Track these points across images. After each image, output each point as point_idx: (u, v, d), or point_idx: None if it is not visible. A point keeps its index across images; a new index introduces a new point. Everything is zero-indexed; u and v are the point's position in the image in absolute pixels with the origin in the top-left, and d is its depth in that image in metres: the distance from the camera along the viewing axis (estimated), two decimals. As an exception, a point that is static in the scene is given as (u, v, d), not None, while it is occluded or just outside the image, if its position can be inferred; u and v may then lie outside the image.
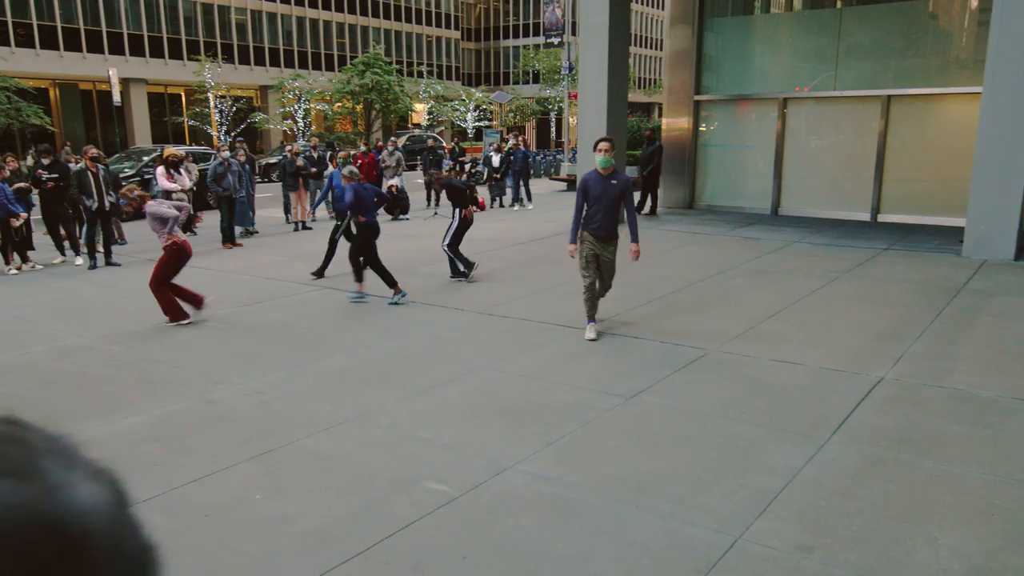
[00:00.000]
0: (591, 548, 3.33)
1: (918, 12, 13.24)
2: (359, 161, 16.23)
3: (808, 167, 14.40)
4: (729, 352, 6.12)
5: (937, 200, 12.93)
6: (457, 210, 9.21)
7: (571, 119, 32.44)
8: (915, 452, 4.22)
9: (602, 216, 6.44)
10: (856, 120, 13.78)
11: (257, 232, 13.63)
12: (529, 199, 17.36)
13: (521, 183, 17.17)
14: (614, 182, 6.38)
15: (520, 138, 18.20)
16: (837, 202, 13.98)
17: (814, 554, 3.22)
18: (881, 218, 13.48)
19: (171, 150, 11.95)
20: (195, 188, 12.89)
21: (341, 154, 15.18)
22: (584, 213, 6.52)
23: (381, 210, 15.77)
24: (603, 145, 6.38)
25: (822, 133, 14.36)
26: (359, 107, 40.27)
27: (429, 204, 16.93)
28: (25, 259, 10.60)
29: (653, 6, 65.28)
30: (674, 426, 4.66)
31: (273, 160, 26.71)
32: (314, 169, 14.59)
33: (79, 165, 11.01)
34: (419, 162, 20.40)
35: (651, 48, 65.53)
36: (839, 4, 14.38)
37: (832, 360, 5.84)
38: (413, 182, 21.18)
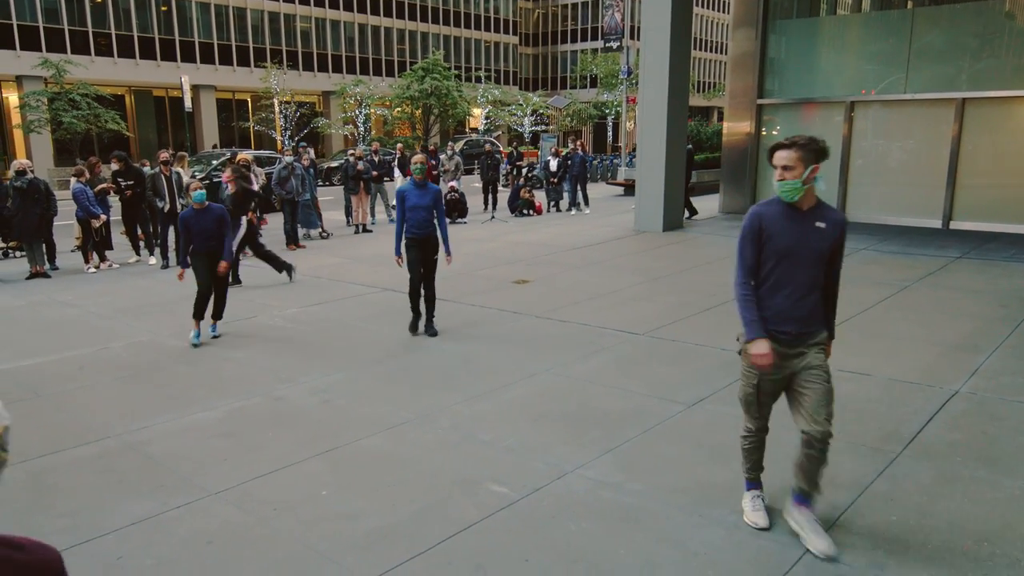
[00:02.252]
0: (654, 556, 3.30)
1: (994, 12, 12.71)
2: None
3: (876, 172, 13.97)
4: (794, 361, 5.97)
5: (1014, 207, 12.38)
6: (243, 218, 9.33)
7: (629, 123, 32.22)
8: (994, 470, 4.05)
9: (799, 292, 3.36)
10: (928, 124, 13.31)
11: (330, 235, 13.92)
12: (586, 203, 17.31)
13: (579, 187, 17.14)
14: (820, 225, 3.31)
15: (578, 142, 18.17)
16: (906, 208, 13.52)
17: (887, 571, 3.12)
18: (953, 225, 12.97)
19: (242, 155, 12.32)
20: (261, 192, 13.26)
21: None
22: (765, 283, 3.38)
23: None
24: (786, 156, 3.25)
25: (891, 137, 13.91)
26: (418, 112, 40.84)
27: (487, 208, 17.05)
28: (103, 258, 11.10)
29: (715, 8, 64.39)
30: (738, 435, 4.57)
31: (335, 164, 27.31)
32: (375, 173, 14.85)
33: (154, 169, 11.47)
34: (476, 166, 20.57)
35: (711, 51, 64.64)
36: (910, 5, 13.93)
37: (903, 372, 5.65)
38: (471, 186, 21.37)
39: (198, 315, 6.79)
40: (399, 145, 17.90)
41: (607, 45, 30.65)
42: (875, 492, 3.81)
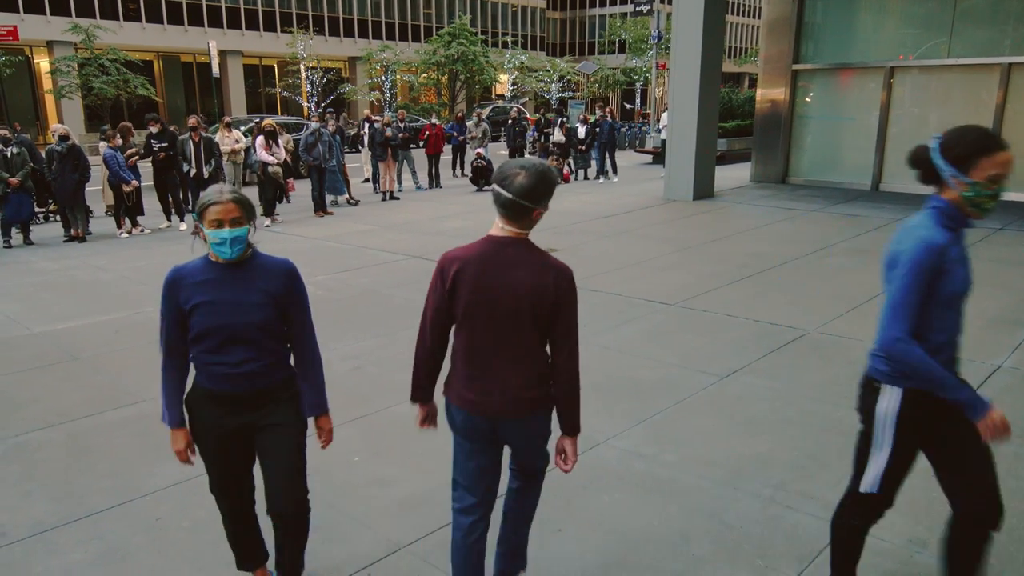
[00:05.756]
0: (689, 529, 3.27)
1: (1046, -28, 12.18)
2: (427, 132, 16.36)
3: (914, 140, 13.34)
4: (829, 334, 5.87)
5: (1060, 177, 11.98)
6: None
7: (658, 90, 31.67)
8: (1039, 447, 3.95)
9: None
10: (970, 90, 12.88)
11: (358, 202, 13.92)
12: (615, 172, 17.09)
13: (607, 155, 16.91)
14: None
15: (607, 109, 17.88)
16: (945, 178, 13.13)
17: (928, 548, 3.07)
18: (995, 196, 12.60)
19: (269, 121, 12.30)
20: (288, 158, 13.28)
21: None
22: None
23: (467, 181, 15.87)
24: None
25: (931, 104, 13.48)
26: (444, 78, 40.48)
27: (514, 176, 16.88)
28: (135, 223, 11.21)
29: (747, -29, 62.67)
30: (773, 408, 4.52)
31: (353, 132, 27.20)
32: (403, 135, 14.76)
33: (184, 134, 11.51)
34: (503, 133, 20.39)
35: (743, 15, 63.03)
36: (956, -35, 13.39)
37: (943, 346, 5.52)
38: (497, 153, 21.20)
39: None
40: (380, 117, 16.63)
41: (637, 9, 30.00)
42: (916, 468, 3.72)
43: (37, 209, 11.73)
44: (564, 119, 17.55)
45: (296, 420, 2.66)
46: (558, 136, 16.90)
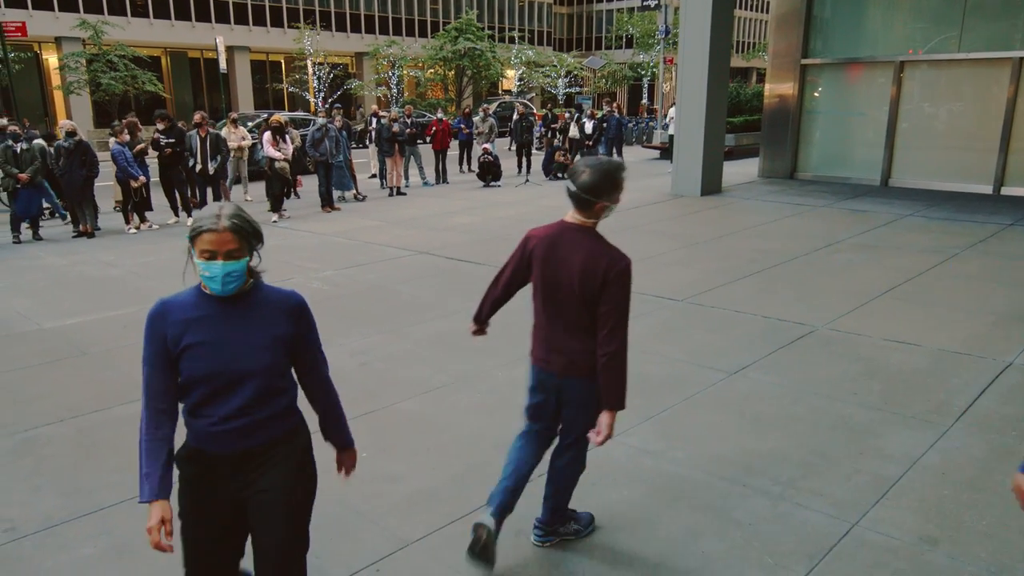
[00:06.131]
0: (697, 526, 3.26)
1: (1058, -35, 12.06)
2: (434, 128, 16.35)
3: (924, 136, 13.49)
4: (838, 330, 5.84)
5: (1072, 173, 11.89)
6: None
7: (665, 85, 31.54)
8: (1051, 444, 3.92)
9: None
10: (981, 85, 12.77)
11: (365, 197, 13.92)
12: (622, 167, 17.01)
13: (614, 151, 16.85)
14: None
15: (614, 104, 17.82)
16: (955, 173, 13.06)
17: (940, 547, 3.04)
18: (1005, 191, 12.51)
19: (277, 117, 12.31)
20: (296, 153, 13.29)
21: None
22: None
23: (474, 177, 15.86)
24: None
25: (941, 99, 13.38)
26: (451, 73, 40.40)
27: (520, 171, 16.88)
28: (143, 219, 11.24)
29: (755, -35, 62.29)
30: (781, 404, 4.50)
31: (360, 127, 27.20)
32: (410, 130, 14.74)
33: (191, 130, 11.53)
34: (509, 128, 20.35)
35: (751, 10, 62.68)
36: (967, -42, 13.26)
37: (953, 342, 5.49)
38: (503, 149, 21.17)
39: None
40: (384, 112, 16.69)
41: (644, 4, 29.89)
42: (926, 465, 3.71)
43: (45, 205, 11.77)
44: (581, 114, 17.42)
45: (298, 480, 2.24)
46: (574, 131, 16.84)
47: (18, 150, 10.29)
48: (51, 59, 32.42)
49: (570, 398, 2.85)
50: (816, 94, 14.71)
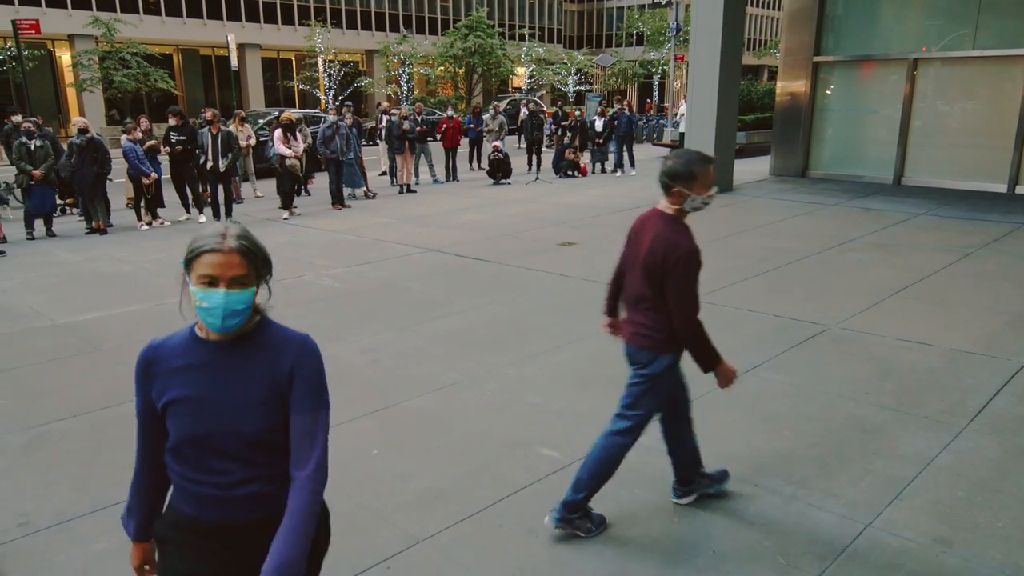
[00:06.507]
0: (710, 526, 3.25)
1: (1075, -39, 11.92)
2: (444, 125, 16.35)
3: (937, 134, 13.37)
4: (850, 329, 5.80)
5: (1088, 171, 11.75)
6: None
7: (676, 83, 31.42)
8: (1066, 446, 3.88)
9: None
10: (995, 82, 12.65)
11: (375, 195, 13.94)
12: (632, 165, 16.99)
13: (624, 148, 16.81)
14: None
15: (625, 102, 17.77)
16: (969, 172, 12.94)
17: (954, 548, 3.02)
18: (1020, 190, 12.39)
19: (288, 114, 12.34)
20: (307, 151, 13.32)
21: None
22: None
23: (484, 174, 15.83)
24: None
25: (955, 97, 13.26)
26: (461, 71, 40.39)
27: (530, 169, 16.86)
28: (155, 216, 11.29)
29: (767, -38, 61.94)
30: (793, 404, 4.47)
31: (370, 125, 27.23)
32: (420, 128, 14.75)
33: (202, 127, 11.57)
34: (518, 126, 20.31)
35: (762, 7, 62.36)
36: (983, -46, 13.13)
37: (967, 342, 5.44)
38: (513, 147, 21.16)
39: None
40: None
41: (655, 1, 29.76)
42: (940, 466, 3.68)
43: (59, 201, 11.85)
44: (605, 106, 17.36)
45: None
46: (600, 125, 16.82)
47: (32, 147, 10.36)
48: (64, 56, 32.62)
49: (633, 364, 3.10)
50: (828, 92, 14.61)
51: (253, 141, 13.92)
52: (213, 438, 1.69)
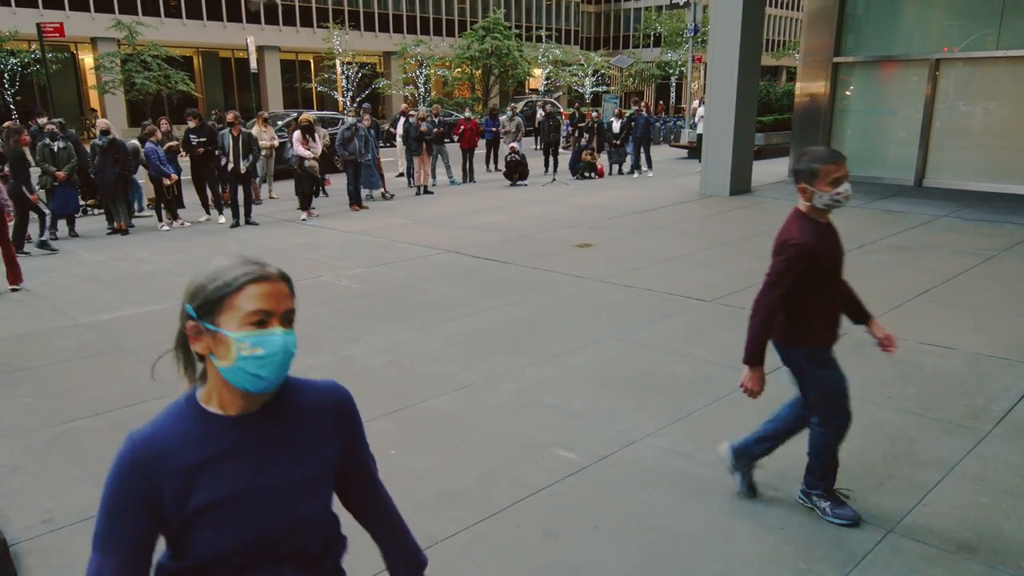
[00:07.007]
0: (729, 529, 3.23)
1: (1103, -41, 11.74)
2: (462, 127, 16.38)
3: (960, 135, 13.21)
4: (870, 333, 5.72)
5: (1115, 173, 11.56)
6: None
7: (694, 84, 31.28)
8: (1094, 452, 3.81)
9: None
10: (1019, 83, 12.46)
11: (392, 196, 14.00)
12: (649, 166, 16.93)
13: (642, 150, 16.76)
14: None
15: (642, 103, 17.72)
16: (992, 174, 12.77)
17: (978, 556, 2.98)
18: (1045, 192, 12.22)
19: (307, 115, 12.42)
20: (325, 152, 13.40)
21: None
22: None
23: (501, 176, 15.84)
24: None
25: (978, 97, 13.10)
26: (478, 72, 40.47)
27: (547, 170, 16.85)
28: (176, 216, 11.41)
29: (786, -38, 61.56)
30: (813, 408, 4.42)
31: (386, 126, 27.33)
32: (438, 130, 14.78)
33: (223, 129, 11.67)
34: (535, 127, 20.32)
35: (782, 8, 61.96)
36: (1007, -47, 12.96)
37: (991, 346, 5.37)
38: (530, 148, 21.16)
39: None
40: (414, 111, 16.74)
41: (673, 2, 29.66)
42: (964, 472, 3.63)
43: (81, 202, 11.99)
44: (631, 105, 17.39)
45: None
46: (617, 127, 16.81)
47: (55, 148, 10.50)
48: (87, 59, 33.07)
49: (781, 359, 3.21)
50: (848, 92, 14.48)
51: (276, 142, 14.05)
52: (268, 539, 1.30)
